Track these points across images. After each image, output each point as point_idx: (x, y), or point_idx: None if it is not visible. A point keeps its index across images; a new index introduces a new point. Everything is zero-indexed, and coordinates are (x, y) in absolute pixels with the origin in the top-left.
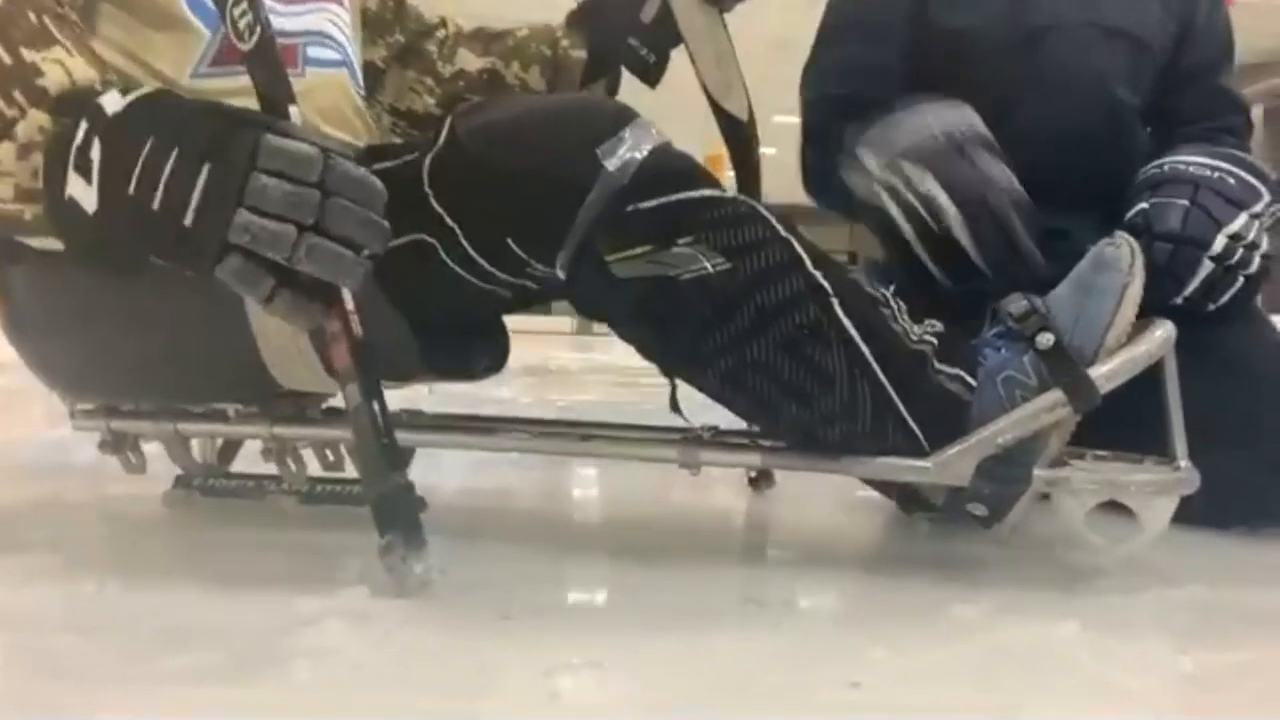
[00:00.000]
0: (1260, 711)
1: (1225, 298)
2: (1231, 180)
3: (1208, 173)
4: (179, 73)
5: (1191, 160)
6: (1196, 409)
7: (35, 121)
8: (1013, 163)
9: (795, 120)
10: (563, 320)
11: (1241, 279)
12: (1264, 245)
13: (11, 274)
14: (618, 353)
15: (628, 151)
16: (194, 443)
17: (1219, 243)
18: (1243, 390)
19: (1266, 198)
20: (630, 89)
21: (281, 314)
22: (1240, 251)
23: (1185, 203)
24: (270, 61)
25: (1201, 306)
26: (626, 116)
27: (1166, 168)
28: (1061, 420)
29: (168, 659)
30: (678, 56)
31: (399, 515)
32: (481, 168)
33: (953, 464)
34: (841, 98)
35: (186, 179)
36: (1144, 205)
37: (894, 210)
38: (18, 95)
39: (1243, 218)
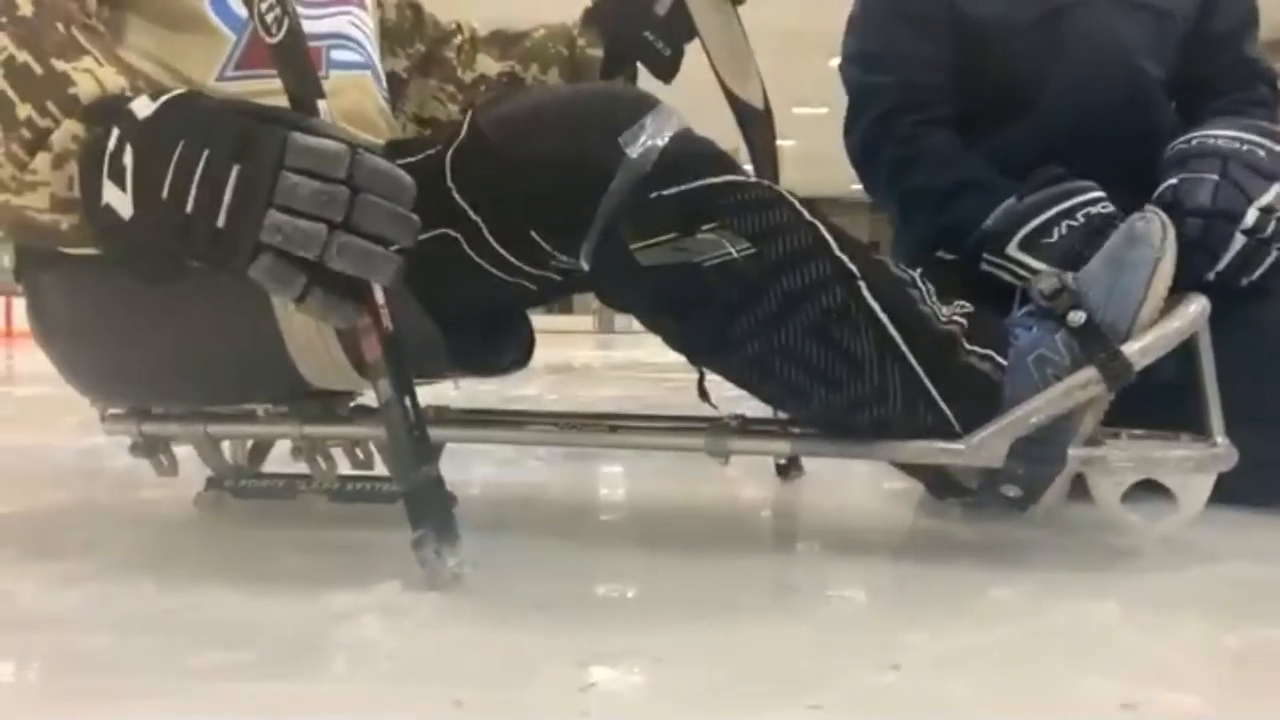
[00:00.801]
0: None
1: (1259, 271)
2: (1261, 152)
3: (1236, 145)
4: (205, 76)
5: (1220, 134)
6: (1232, 385)
7: (69, 131)
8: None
9: (813, 111)
10: (584, 319)
11: (1275, 251)
12: None
13: (41, 280)
14: (639, 350)
15: (650, 139)
16: (225, 444)
17: (1251, 216)
18: (1277, 365)
19: None
20: (645, 85)
21: (314, 313)
22: (1273, 224)
23: (1215, 177)
24: (298, 54)
25: (1235, 281)
26: (648, 103)
27: (1194, 142)
28: (1095, 398)
29: (205, 656)
30: (692, 52)
31: (432, 508)
32: (503, 159)
33: (986, 445)
34: (899, 87)
35: (217, 181)
36: (1173, 181)
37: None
38: (51, 105)
39: (1274, 190)
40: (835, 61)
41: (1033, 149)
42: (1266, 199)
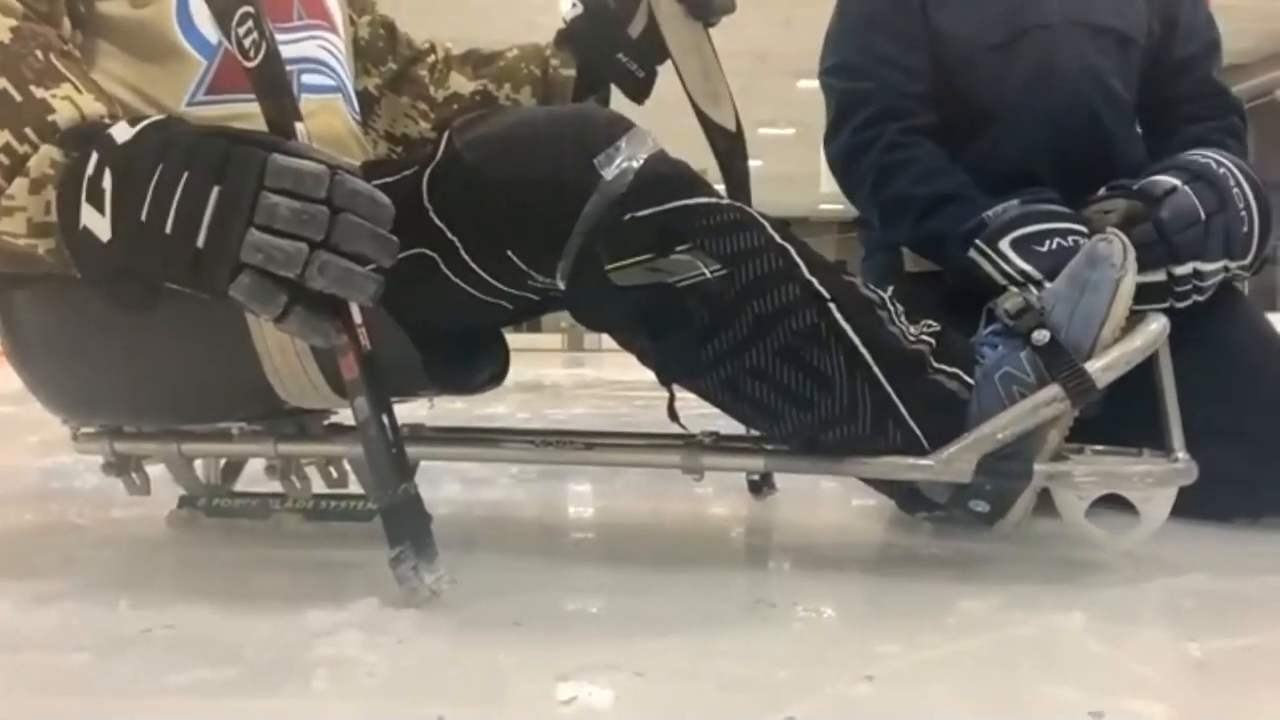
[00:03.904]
0: (1270, 694)
1: (1209, 288)
2: (1244, 227)
3: (1236, 202)
4: (176, 101)
5: (1231, 174)
6: (1191, 402)
7: (47, 156)
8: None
9: (779, 133)
10: (553, 338)
11: (1224, 273)
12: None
13: (14, 298)
14: (607, 368)
15: (624, 160)
16: (198, 463)
17: (1183, 269)
18: (1235, 383)
19: (1249, 259)
20: (618, 107)
21: (294, 331)
22: (1190, 287)
23: (1202, 217)
24: (276, 77)
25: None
26: (622, 126)
27: (1211, 163)
28: (1060, 415)
29: (185, 674)
30: (665, 74)
31: (410, 525)
32: (480, 180)
33: (954, 461)
34: (882, 94)
35: (197, 202)
36: (1175, 182)
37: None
38: (29, 132)
39: (1220, 263)
40: (801, 83)
41: (998, 166)
42: (1204, 266)
